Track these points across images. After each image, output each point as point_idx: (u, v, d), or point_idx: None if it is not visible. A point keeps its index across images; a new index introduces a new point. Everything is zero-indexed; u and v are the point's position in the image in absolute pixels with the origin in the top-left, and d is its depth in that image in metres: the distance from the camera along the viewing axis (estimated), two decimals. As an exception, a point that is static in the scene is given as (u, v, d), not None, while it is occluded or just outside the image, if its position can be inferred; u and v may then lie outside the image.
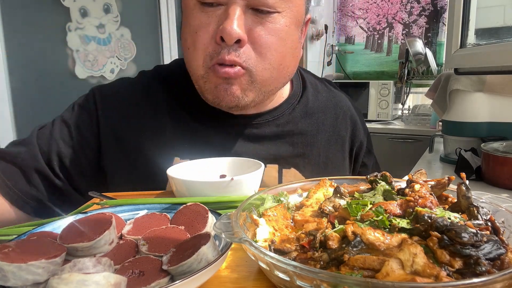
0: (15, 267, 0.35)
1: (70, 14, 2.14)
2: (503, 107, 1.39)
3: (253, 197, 0.50)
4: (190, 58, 0.71)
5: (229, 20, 0.64)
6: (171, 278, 0.40)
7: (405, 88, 3.18)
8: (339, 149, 0.91)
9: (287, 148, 0.84)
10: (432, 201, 0.42)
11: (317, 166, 0.86)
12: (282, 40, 0.69)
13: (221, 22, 0.65)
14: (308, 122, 0.86)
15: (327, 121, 0.89)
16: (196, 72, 0.71)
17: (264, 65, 0.69)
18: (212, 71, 0.68)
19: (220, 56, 0.66)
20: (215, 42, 0.66)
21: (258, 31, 0.67)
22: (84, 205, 0.63)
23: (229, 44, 0.65)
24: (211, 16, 0.66)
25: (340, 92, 0.98)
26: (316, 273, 0.31)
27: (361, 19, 3.54)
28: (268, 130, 0.83)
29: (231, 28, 0.63)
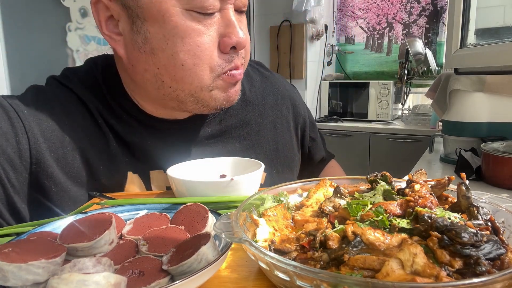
0: (15, 267, 0.35)
1: (70, 14, 2.14)
2: (503, 107, 1.39)
3: (253, 197, 0.50)
4: (186, 74, 0.64)
5: (234, 27, 0.63)
6: (171, 278, 0.40)
7: (405, 88, 3.18)
8: (285, 130, 0.91)
9: (235, 143, 0.82)
10: (432, 201, 0.42)
11: (269, 154, 0.85)
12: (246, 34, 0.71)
13: (223, 30, 0.64)
14: (249, 111, 0.84)
15: (268, 105, 0.88)
16: (199, 85, 0.66)
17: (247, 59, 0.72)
18: (222, 78, 0.67)
19: (233, 63, 0.66)
20: (220, 51, 0.64)
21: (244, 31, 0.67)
22: (84, 205, 0.63)
23: (239, 50, 0.66)
24: (208, 26, 0.63)
25: (273, 74, 0.96)
26: (316, 273, 0.31)
27: (361, 19, 3.54)
28: (211, 129, 0.80)
29: (242, 35, 0.64)
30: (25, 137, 0.63)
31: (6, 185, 0.61)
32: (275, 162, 0.87)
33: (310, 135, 0.98)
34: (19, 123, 0.63)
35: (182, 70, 0.64)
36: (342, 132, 3.00)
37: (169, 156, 0.75)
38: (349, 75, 3.66)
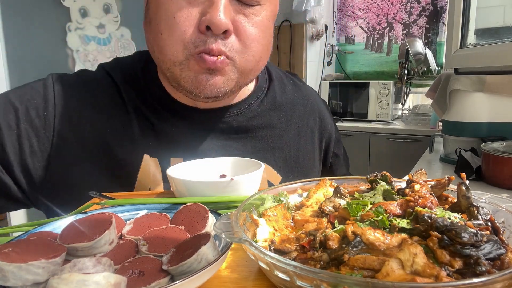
0: (15, 267, 0.35)
1: (70, 14, 2.14)
2: (503, 107, 1.39)
3: (253, 197, 0.50)
4: (164, 44, 0.66)
5: (216, 8, 0.61)
6: (171, 278, 0.40)
7: (405, 88, 3.18)
8: (309, 141, 0.91)
9: (256, 143, 0.82)
10: (432, 201, 0.42)
11: (288, 159, 0.85)
12: (263, 33, 0.70)
13: (205, 10, 0.63)
14: (276, 115, 0.85)
15: (295, 114, 0.88)
16: (172, 58, 0.66)
17: (247, 57, 0.68)
18: (195, 59, 0.65)
19: (207, 45, 0.63)
20: (198, 31, 0.64)
21: (242, 22, 0.66)
22: (84, 205, 0.63)
23: (215, 34, 0.63)
24: (192, 3, 0.63)
25: (306, 85, 0.98)
26: (316, 273, 0.31)
27: (361, 19, 3.54)
28: (236, 124, 0.80)
29: (220, 18, 0.61)
30: (52, 113, 0.72)
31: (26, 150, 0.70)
32: (293, 168, 0.86)
33: (334, 151, 0.99)
34: (52, 101, 0.73)
35: (161, 40, 0.66)
36: (342, 132, 3.00)
37: (192, 146, 0.77)
38: (349, 75, 3.66)
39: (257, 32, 0.68)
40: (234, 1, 0.65)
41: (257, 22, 0.67)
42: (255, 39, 0.68)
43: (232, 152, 0.78)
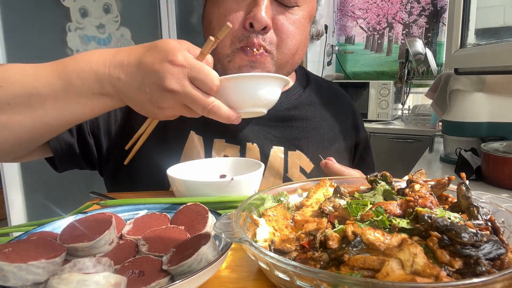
0: (15, 267, 0.35)
1: (70, 14, 2.14)
2: (503, 107, 1.38)
3: (253, 197, 0.50)
4: None
5: (258, 8, 0.71)
6: (171, 278, 0.40)
7: (405, 88, 3.18)
8: (341, 137, 0.97)
9: (293, 131, 0.89)
10: (432, 201, 0.42)
11: (321, 150, 0.91)
12: (299, 30, 0.78)
13: (250, 10, 0.72)
14: (312, 110, 0.93)
15: (329, 112, 0.96)
16: (222, 51, 0.76)
17: (283, 50, 0.77)
18: (239, 52, 0.75)
19: (249, 40, 0.73)
20: (243, 27, 0.74)
21: (281, 19, 0.75)
22: (84, 205, 0.63)
23: (257, 30, 0.73)
24: (240, 4, 0.74)
25: (341, 89, 1.07)
26: (316, 273, 0.31)
27: (361, 19, 3.54)
28: (276, 113, 0.86)
29: (261, 16, 0.71)
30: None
31: (112, 119, 0.82)
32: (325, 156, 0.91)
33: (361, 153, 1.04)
34: None
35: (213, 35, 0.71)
36: (342, 132, 2.99)
37: (234, 130, 0.83)
38: (349, 75, 3.66)
39: (293, 29, 0.77)
40: (275, 3, 0.75)
41: (294, 20, 0.77)
42: (291, 35, 0.77)
43: (270, 138, 0.86)
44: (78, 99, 0.57)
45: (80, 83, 0.56)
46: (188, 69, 0.53)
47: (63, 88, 0.56)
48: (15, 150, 0.65)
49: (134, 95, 0.56)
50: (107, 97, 0.58)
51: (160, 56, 0.54)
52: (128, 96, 0.57)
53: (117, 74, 0.56)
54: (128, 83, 0.56)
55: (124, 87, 0.56)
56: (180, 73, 0.53)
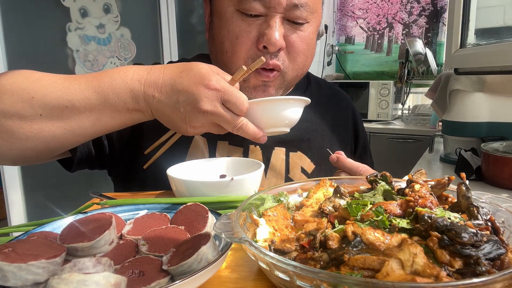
0: (15, 267, 0.35)
1: (70, 14, 2.14)
2: (503, 107, 1.38)
3: (253, 197, 0.50)
4: (228, 61, 0.78)
5: (272, 30, 0.73)
6: (171, 278, 0.40)
7: (405, 88, 3.18)
8: (342, 137, 0.98)
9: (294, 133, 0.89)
10: (432, 201, 0.42)
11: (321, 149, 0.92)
12: (309, 45, 0.81)
13: (263, 31, 0.74)
14: (312, 112, 0.94)
15: (330, 113, 0.97)
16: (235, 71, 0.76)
17: (294, 67, 0.80)
18: (253, 73, 0.75)
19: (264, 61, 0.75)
20: (257, 48, 0.75)
21: (292, 38, 0.77)
22: (84, 205, 0.63)
23: (271, 52, 0.75)
24: (251, 25, 0.75)
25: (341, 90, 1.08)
26: (316, 273, 0.31)
27: (361, 19, 3.54)
28: None
29: (276, 39, 0.73)
30: None
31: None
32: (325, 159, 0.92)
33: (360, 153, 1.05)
34: None
35: (226, 56, 0.78)
36: (342, 132, 2.99)
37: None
38: (349, 75, 3.66)
39: (304, 46, 0.79)
40: (286, 22, 0.76)
41: (304, 37, 0.78)
42: (302, 52, 0.79)
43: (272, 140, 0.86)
44: (112, 113, 0.60)
45: (116, 99, 0.59)
46: (221, 92, 0.59)
47: (99, 103, 0.59)
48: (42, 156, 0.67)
49: (168, 113, 0.61)
50: (140, 112, 0.62)
51: (196, 79, 0.58)
52: (161, 113, 0.61)
53: (151, 92, 0.60)
54: (162, 102, 0.60)
55: (158, 105, 0.60)
56: (214, 96, 0.58)
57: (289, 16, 0.75)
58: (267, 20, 0.74)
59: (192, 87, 0.58)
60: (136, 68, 0.62)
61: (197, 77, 0.59)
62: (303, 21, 0.76)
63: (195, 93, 0.58)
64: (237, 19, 0.75)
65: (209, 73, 0.59)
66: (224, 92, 0.59)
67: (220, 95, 0.59)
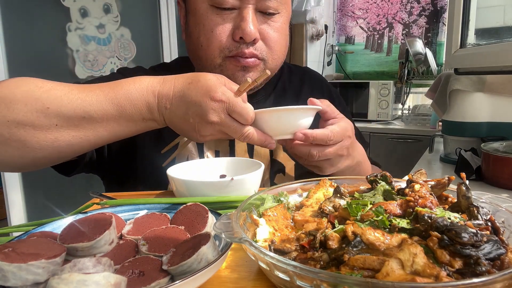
0: (15, 267, 0.35)
1: (70, 14, 2.14)
2: (503, 107, 1.38)
3: (253, 197, 0.50)
4: (204, 53, 0.80)
5: (246, 22, 0.76)
6: (171, 278, 0.40)
7: (405, 88, 3.17)
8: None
9: None
10: (432, 201, 0.42)
11: None
12: (283, 35, 0.84)
13: (237, 23, 0.77)
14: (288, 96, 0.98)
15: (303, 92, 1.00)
16: (212, 62, 0.80)
17: (273, 56, 0.83)
18: (230, 61, 0.79)
19: (240, 50, 0.78)
20: (232, 40, 0.78)
21: (266, 29, 0.80)
22: (84, 205, 0.63)
23: (247, 41, 0.77)
24: (225, 19, 0.78)
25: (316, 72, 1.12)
26: (316, 273, 0.31)
27: (361, 19, 3.54)
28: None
29: (250, 29, 0.76)
30: None
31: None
32: None
33: None
34: None
35: (201, 50, 0.81)
36: (342, 132, 2.98)
37: None
38: (349, 75, 3.66)
39: (278, 35, 0.82)
40: (259, 13, 0.79)
41: (277, 27, 0.82)
42: (277, 41, 0.82)
43: None
44: (128, 123, 0.63)
45: (133, 110, 0.62)
46: (227, 104, 0.60)
47: (116, 114, 0.61)
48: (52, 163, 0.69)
49: (179, 123, 0.63)
50: (154, 121, 0.64)
51: (202, 91, 0.60)
52: (173, 123, 0.64)
53: (164, 104, 0.62)
54: (173, 112, 0.62)
55: (170, 115, 0.63)
56: (220, 107, 0.60)
57: (260, 7, 0.78)
58: (240, 13, 0.77)
59: (199, 98, 0.60)
60: (149, 80, 0.64)
61: (204, 88, 0.60)
62: (274, 11, 0.80)
63: (202, 105, 0.60)
64: (211, 14, 0.78)
65: (216, 85, 0.61)
66: (229, 104, 0.60)
67: (226, 106, 0.61)
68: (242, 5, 0.77)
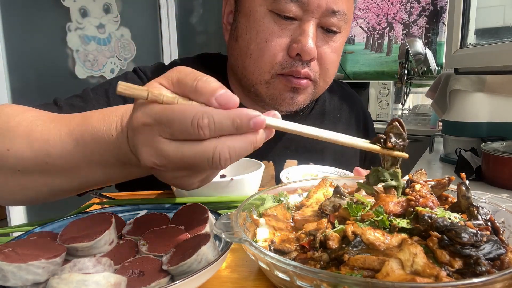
0: (15, 267, 0.35)
1: (70, 14, 2.14)
2: (503, 107, 1.38)
3: (253, 197, 0.50)
4: (251, 64, 0.73)
5: (307, 37, 0.68)
6: (171, 278, 0.40)
7: (405, 88, 3.17)
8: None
9: (305, 144, 0.88)
10: (433, 201, 0.42)
11: (335, 158, 0.91)
12: (339, 56, 0.78)
13: (296, 37, 0.70)
14: (325, 119, 0.93)
15: (342, 118, 0.96)
16: (260, 77, 0.74)
17: (325, 78, 0.77)
18: (280, 79, 0.73)
19: (295, 68, 0.71)
20: (287, 55, 0.71)
21: (325, 49, 0.74)
22: (84, 205, 0.63)
23: (304, 60, 0.71)
24: (284, 29, 0.70)
25: (353, 92, 1.06)
26: (316, 273, 0.31)
27: (361, 19, 3.54)
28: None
29: (310, 46, 0.69)
30: None
31: None
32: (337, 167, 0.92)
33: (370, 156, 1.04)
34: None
35: (250, 59, 0.73)
36: (342, 132, 2.98)
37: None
38: (349, 75, 3.66)
39: (335, 57, 0.76)
40: (320, 30, 0.73)
41: (335, 47, 0.76)
42: (333, 63, 0.76)
43: (285, 153, 0.86)
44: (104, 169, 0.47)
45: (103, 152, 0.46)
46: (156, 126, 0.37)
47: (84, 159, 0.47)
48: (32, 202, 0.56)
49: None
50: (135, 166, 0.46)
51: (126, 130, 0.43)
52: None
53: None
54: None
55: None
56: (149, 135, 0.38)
57: (324, 23, 0.71)
58: (301, 25, 0.70)
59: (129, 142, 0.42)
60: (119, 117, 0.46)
61: (127, 124, 0.42)
62: (337, 29, 0.73)
63: (133, 151, 0.41)
64: (269, 21, 0.70)
65: (134, 107, 0.39)
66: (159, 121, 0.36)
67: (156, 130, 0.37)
68: (304, 17, 0.69)
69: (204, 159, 0.36)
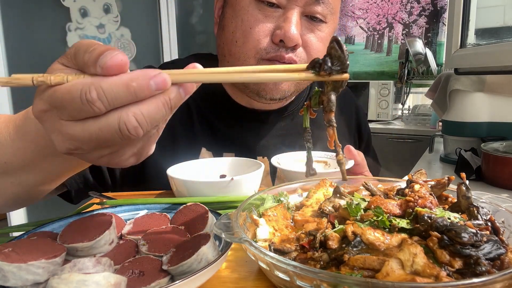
0: (15, 267, 0.35)
1: (70, 14, 2.14)
2: (503, 107, 1.38)
3: (253, 197, 0.50)
4: (237, 51, 0.75)
5: (289, 24, 0.70)
6: (171, 278, 0.40)
7: (405, 88, 3.17)
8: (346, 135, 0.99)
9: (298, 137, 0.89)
10: (432, 201, 0.42)
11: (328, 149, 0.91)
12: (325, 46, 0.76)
13: (279, 24, 0.71)
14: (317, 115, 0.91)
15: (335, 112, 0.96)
16: (245, 63, 0.74)
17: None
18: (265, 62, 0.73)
19: (279, 53, 0.72)
20: (271, 41, 0.72)
21: (310, 37, 0.75)
22: (84, 205, 0.63)
23: (287, 47, 0.71)
24: (268, 16, 0.72)
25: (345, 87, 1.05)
26: (316, 273, 0.31)
27: (361, 19, 3.54)
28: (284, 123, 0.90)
29: (293, 32, 0.69)
30: None
31: None
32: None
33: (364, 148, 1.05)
34: None
35: (236, 47, 0.75)
36: (342, 132, 2.98)
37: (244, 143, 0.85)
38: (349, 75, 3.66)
39: (320, 46, 0.76)
40: (305, 18, 0.73)
41: (321, 37, 0.76)
42: (319, 52, 0.76)
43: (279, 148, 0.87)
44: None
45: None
46: (54, 109, 0.35)
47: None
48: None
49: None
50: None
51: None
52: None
53: None
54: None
55: None
56: (52, 124, 0.36)
57: (308, 11, 0.72)
58: (285, 13, 0.71)
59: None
60: None
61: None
62: (322, 18, 0.74)
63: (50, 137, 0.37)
64: (253, 9, 0.72)
65: (35, 95, 0.37)
66: (54, 105, 0.34)
67: (55, 114, 0.35)
68: (288, 5, 0.71)
69: (113, 132, 0.33)
